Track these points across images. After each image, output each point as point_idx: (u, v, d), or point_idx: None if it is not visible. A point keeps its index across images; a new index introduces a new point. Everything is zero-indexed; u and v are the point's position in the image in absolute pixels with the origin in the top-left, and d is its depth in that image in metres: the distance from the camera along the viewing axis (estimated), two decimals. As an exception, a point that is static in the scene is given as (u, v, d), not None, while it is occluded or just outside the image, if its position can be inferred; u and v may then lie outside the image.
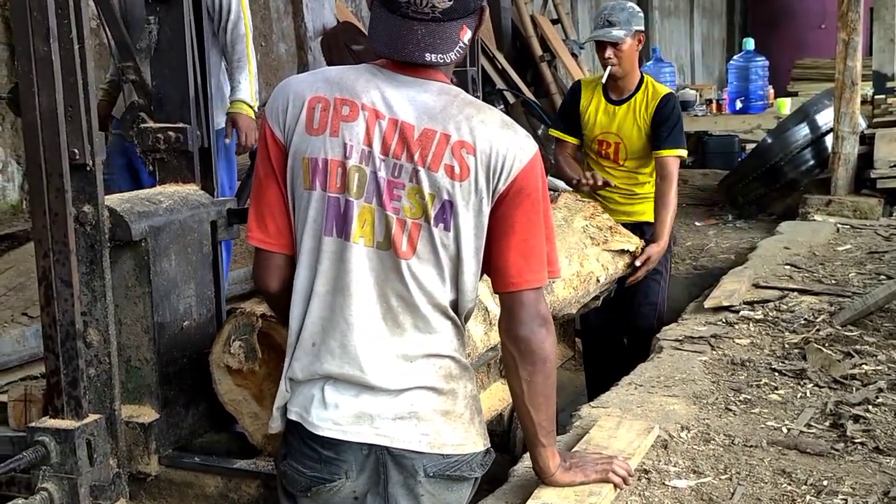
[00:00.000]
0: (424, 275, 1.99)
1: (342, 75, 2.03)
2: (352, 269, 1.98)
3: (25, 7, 2.31)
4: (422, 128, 1.96)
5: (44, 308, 2.46)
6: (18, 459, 2.41)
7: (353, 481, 2.03)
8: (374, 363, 2.00)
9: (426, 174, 1.95)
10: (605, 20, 4.38)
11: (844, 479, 2.64)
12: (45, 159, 2.37)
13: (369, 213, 1.98)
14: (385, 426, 2.00)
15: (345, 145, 1.96)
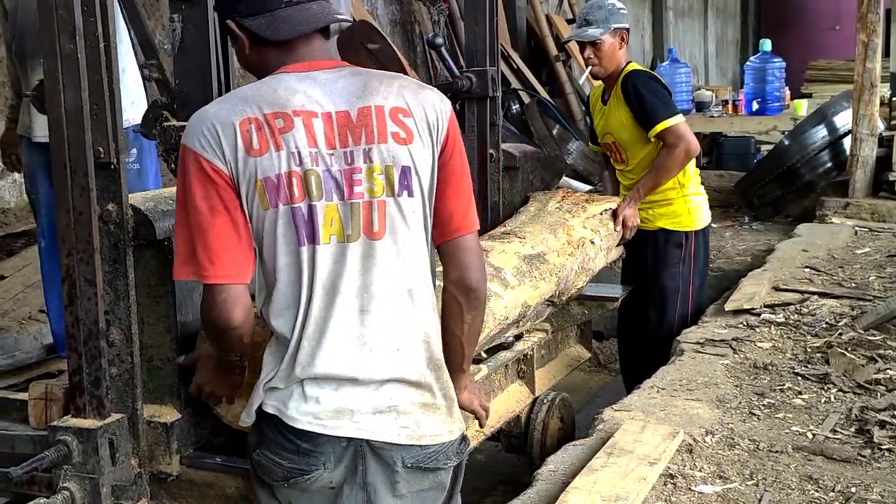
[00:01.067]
0: (401, 251, 2.04)
1: (259, 92, 2.03)
2: (330, 270, 2.00)
3: (52, 5, 2.30)
4: (356, 108, 2.02)
5: (67, 307, 2.45)
6: (41, 459, 2.40)
7: (330, 472, 2.04)
8: (351, 359, 2.02)
9: (378, 148, 2.01)
10: (583, 19, 4.32)
11: (873, 487, 2.62)
12: (70, 157, 2.37)
13: (334, 209, 2.00)
14: (364, 420, 2.02)
15: (291, 154, 1.98)
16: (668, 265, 4.40)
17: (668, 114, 4.13)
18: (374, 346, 2.03)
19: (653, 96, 4.15)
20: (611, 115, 4.36)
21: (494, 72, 4.10)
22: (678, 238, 4.39)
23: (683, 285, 4.42)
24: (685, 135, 4.13)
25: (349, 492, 2.05)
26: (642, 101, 4.16)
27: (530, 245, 3.65)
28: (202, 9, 2.84)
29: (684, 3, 17.55)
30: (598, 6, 4.29)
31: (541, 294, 3.52)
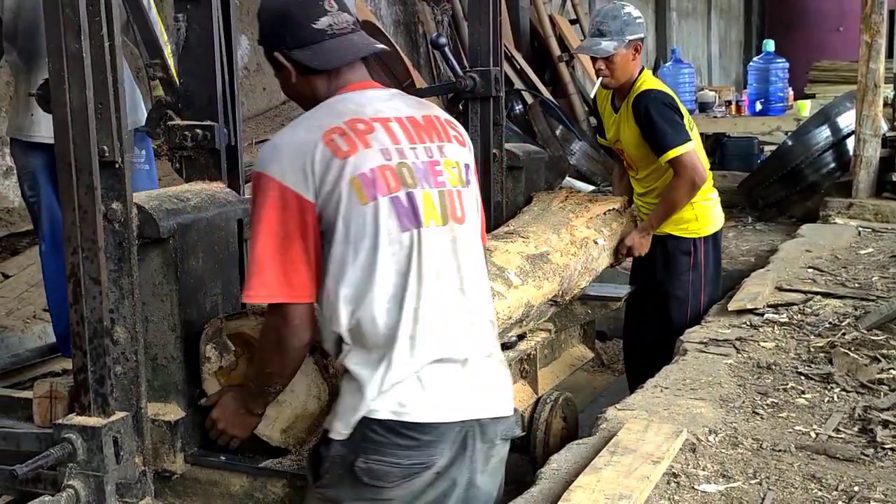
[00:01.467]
0: (474, 236, 2.30)
1: (331, 109, 2.23)
2: (435, 251, 2.18)
3: (58, 5, 2.30)
4: (420, 115, 2.30)
5: (72, 305, 2.45)
6: (45, 456, 2.40)
7: (443, 458, 2.16)
8: (459, 338, 2.19)
9: (447, 146, 2.29)
10: (595, 29, 4.10)
11: (876, 486, 2.62)
12: (75, 156, 2.37)
13: (428, 196, 2.20)
14: (475, 399, 2.20)
15: (381, 151, 2.18)
16: (677, 274, 4.32)
17: (677, 142, 4.00)
18: (473, 324, 2.24)
19: (664, 122, 4.01)
20: (622, 127, 4.23)
21: (498, 72, 4.10)
22: (686, 245, 4.31)
23: (693, 294, 4.35)
24: (692, 165, 4.02)
25: (457, 472, 2.19)
26: (653, 127, 4.02)
27: (534, 245, 3.66)
28: (206, 9, 2.86)
29: (688, 4, 17.55)
30: (612, 16, 4.08)
31: (544, 294, 3.52)
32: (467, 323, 2.22)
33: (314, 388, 2.51)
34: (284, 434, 2.57)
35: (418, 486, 2.17)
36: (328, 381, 2.49)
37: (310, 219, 2.13)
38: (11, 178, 5.72)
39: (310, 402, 2.53)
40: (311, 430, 2.53)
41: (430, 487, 2.19)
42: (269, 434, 2.58)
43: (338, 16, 2.27)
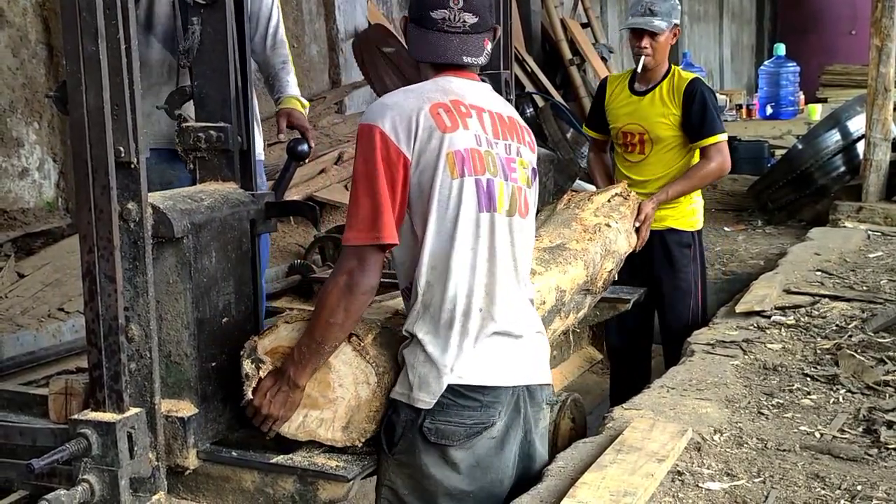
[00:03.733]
0: (530, 232, 2.56)
1: (437, 86, 2.44)
2: (502, 237, 2.43)
3: (75, 7, 2.35)
4: (506, 115, 2.53)
5: (87, 303, 2.49)
6: (61, 451, 2.44)
7: (501, 420, 2.45)
8: (517, 316, 2.48)
9: (523, 148, 2.55)
10: (646, 8, 4.29)
11: (879, 485, 2.65)
12: (92, 156, 2.41)
13: (502, 187, 2.44)
14: (526, 367, 2.50)
15: (475, 136, 2.41)
16: (680, 266, 4.45)
17: (720, 129, 4.34)
18: (526, 304, 2.54)
19: (714, 110, 4.32)
20: (649, 109, 4.38)
21: (508, 75, 4.14)
22: (687, 238, 4.46)
23: (694, 285, 4.49)
24: (725, 153, 4.34)
25: (514, 435, 2.50)
26: (705, 112, 4.27)
27: (548, 240, 3.70)
28: (220, 12, 2.89)
29: (700, 8, 17.55)
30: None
31: (572, 279, 3.55)
32: (522, 302, 2.51)
33: (360, 374, 2.53)
34: (346, 431, 2.57)
35: (481, 450, 2.43)
36: (371, 362, 2.52)
37: (404, 174, 2.35)
38: (27, 179, 5.78)
39: (361, 390, 2.53)
40: (372, 418, 2.54)
41: (493, 456, 2.46)
42: (331, 437, 2.58)
43: (456, 13, 2.41)
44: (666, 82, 4.37)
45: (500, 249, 2.43)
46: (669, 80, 4.37)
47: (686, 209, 4.46)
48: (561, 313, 3.53)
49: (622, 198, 4.21)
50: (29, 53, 5.77)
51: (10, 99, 5.64)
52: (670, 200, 4.31)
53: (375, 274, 2.40)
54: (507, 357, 2.46)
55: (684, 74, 4.39)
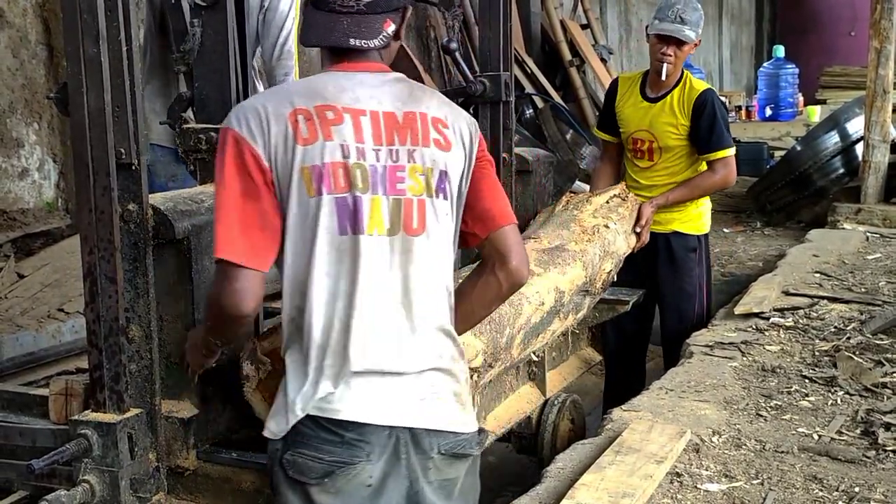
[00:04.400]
0: (435, 250, 2.14)
1: (309, 87, 2.15)
2: (370, 262, 2.07)
3: (76, 9, 2.36)
4: (402, 112, 2.14)
5: (88, 304, 2.50)
6: (61, 452, 2.45)
7: (372, 464, 2.08)
8: (396, 350, 2.10)
9: (421, 151, 2.13)
10: (678, 16, 4.18)
11: (876, 487, 2.66)
12: (93, 158, 2.42)
13: (378, 203, 2.08)
14: (408, 408, 2.10)
15: (340, 147, 2.07)
16: (686, 270, 4.44)
17: (730, 144, 4.31)
18: (415, 337, 2.12)
19: (723, 124, 4.27)
20: (660, 117, 4.34)
21: (508, 76, 4.13)
22: (692, 242, 4.44)
23: (699, 288, 4.49)
24: (731, 167, 4.31)
25: (395, 484, 2.11)
26: (714, 126, 4.24)
27: (546, 242, 3.71)
28: (221, 14, 2.90)
29: (699, 9, 17.55)
30: (693, 7, 4.22)
31: (571, 280, 3.55)
32: (408, 336, 2.12)
33: None
34: None
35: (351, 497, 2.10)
36: None
37: (265, 181, 2.06)
38: (27, 180, 5.79)
39: None
40: None
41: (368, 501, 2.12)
42: None
43: None
44: (677, 91, 4.33)
45: (369, 276, 2.07)
46: (681, 88, 4.33)
47: (692, 213, 4.44)
48: (560, 314, 3.54)
49: (620, 199, 4.23)
50: (29, 54, 5.77)
51: (9, 99, 5.64)
52: (669, 206, 4.31)
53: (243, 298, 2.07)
54: (379, 395, 2.09)
55: (696, 84, 4.34)
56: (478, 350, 2.88)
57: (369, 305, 2.08)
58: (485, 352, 2.92)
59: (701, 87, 4.33)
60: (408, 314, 2.12)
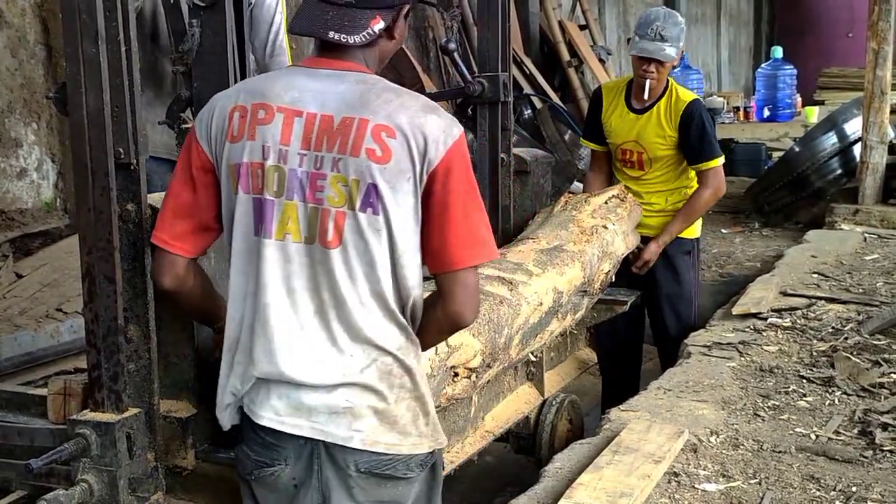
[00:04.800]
0: (355, 264, 2.03)
1: (262, 82, 2.14)
2: (276, 267, 2.04)
3: (75, 9, 2.36)
4: (341, 117, 2.01)
5: (87, 304, 2.50)
6: (60, 451, 2.45)
7: (290, 469, 2.10)
8: (303, 361, 2.05)
9: (348, 161, 1.99)
10: (657, 33, 4.13)
11: (873, 486, 2.66)
12: (91, 158, 2.42)
13: (293, 209, 2.03)
14: (320, 420, 2.06)
15: (262, 147, 2.04)
16: (682, 273, 4.43)
17: (718, 154, 4.27)
18: (333, 350, 2.05)
19: (711, 134, 4.24)
20: (647, 129, 4.31)
21: (506, 77, 4.13)
22: (687, 246, 4.44)
23: (695, 293, 4.49)
24: (721, 177, 4.29)
25: (305, 493, 2.11)
26: (703, 137, 4.21)
27: (545, 242, 3.71)
28: (220, 14, 2.90)
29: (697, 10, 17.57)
30: (673, 22, 4.18)
31: (569, 280, 3.56)
32: (325, 348, 2.06)
33: None
34: None
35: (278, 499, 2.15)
36: None
37: (205, 174, 2.12)
38: (25, 179, 5.79)
39: None
40: None
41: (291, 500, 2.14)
42: None
43: None
44: (664, 102, 4.30)
45: (275, 281, 2.04)
46: (667, 99, 4.30)
47: None
48: (558, 314, 3.55)
49: (619, 199, 4.23)
50: (27, 54, 5.78)
51: (8, 99, 5.65)
52: (671, 236, 4.31)
53: (163, 277, 2.19)
54: (291, 404, 2.08)
55: (682, 95, 4.31)
56: (476, 350, 2.89)
57: (276, 311, 2.05)
58: (483, 352, 2.93)
59: (687, 98, 4.28)
60: (325, 326, 2.05)
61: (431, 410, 2.15)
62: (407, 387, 2.10)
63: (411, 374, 2.10)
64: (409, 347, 2.11)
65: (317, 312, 2.05)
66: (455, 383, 2.88)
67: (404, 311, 2.10)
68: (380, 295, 2.05)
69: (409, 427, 2.10)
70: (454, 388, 2.89)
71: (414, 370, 2.11)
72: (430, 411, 2.15)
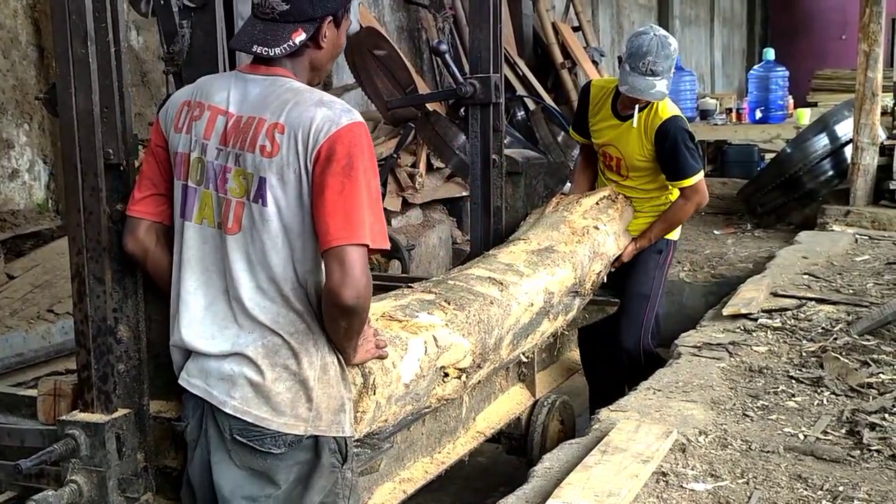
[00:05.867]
0: (250, 250, 2.23)
1: (210, 82, 2.38)
2: (194, 248, 2.31)
3: (65, 10, 2.37)
4: (247, 117, 2.25)
5: (76, 304, 2.51)
6: (49, 452, 2.46)
7: (191, 426, 2.35)
8: (206, 333, 2.28)
9: (245, 156, 2.22)
10: (649, 68, 4.04)
11: (860, 486, 2.68)
12: (81, 159, 2.43)
13: (209, 197, 2.29)
14: (210, 384, 2.27)
15: (191, 140, 2.30)
16: (646, 270, 4.32)
17: (695, 171, 4.14)
18: (233, 325, 2.25)
19: (687, 153, 4.13)
20: (628, 138, 4.25)
21: (498, 78, 4.13)
22: (660, 244, 4.35)
23: (654, 293, 4.35)
24: (702, 191, 4.19)
25: (198, 449, 2.34)
26: (677, 157, 4.12)
27: (536, 243, 3.72)
28: (210, 15, 2.90)
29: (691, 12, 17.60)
30: (665, 55, 4.08)
31: (560, 281, 3.56)
32: (228, 323, 2.26)
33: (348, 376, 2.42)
34: None
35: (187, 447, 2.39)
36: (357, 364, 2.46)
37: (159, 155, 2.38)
38: (17, 181, 5.79)
39: None
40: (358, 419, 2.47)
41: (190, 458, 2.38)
42: None
43: None
44: (644, 114, 4.20)
45: (191, 260, 2.31)
46: (647, 111, 4.20)
47: None
48: (549, 315, 3.56)
49: (611, 200, 4.24)
50: (20, 55, 5.78)
51: (0, 101, 5.65)
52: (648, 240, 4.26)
53: (126, 236, 2.43)
54: (194, 368, 2.31)
55: (661, 111, 4.19)
56: (466, 351, 2.90)
57: (192, 287, 2.30)
58: (473, 352, 2.94)
59: (665, 114, 4.18)
60: (227, 304, 2.27)
61: (318, 398, 2.26)
62: (291, 369, 2.24)
63: (298, 359, 2.24)
64: (307, 334, 2.25)
65: (223, 291, 2.28)
66: (445, 384, 2.89)
67: (307, 297, 2.25)
68: (274, 280, 2.23)
69: (285, 407, 2.24)
70: (444, 389, 2.90)
71: (302, 355, 2.24)
72: (316, 398, 2.26)
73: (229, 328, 2.26)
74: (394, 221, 7.17)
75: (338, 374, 2.30)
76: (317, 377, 2.26)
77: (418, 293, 3.04)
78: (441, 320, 2.85)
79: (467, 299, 3.06)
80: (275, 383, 2.23)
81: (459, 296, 3.07)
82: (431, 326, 2.78)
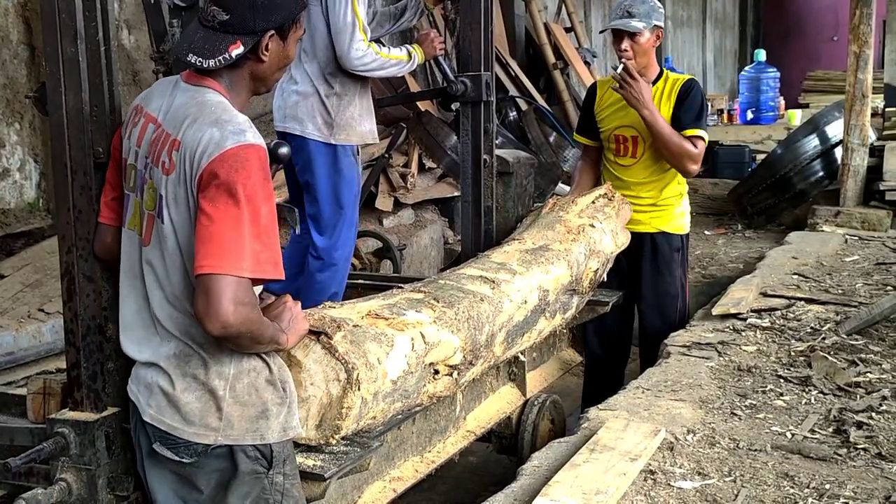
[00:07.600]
0: (157, 262, 2.24)
1: (156, 87, 2.38)
2: (125, 253, 2.33)
3: (54, 9, 2.37)
4: (168, 129, 2.22)
5: (66, 303, 2.51)
6: (38, 450, 2.46)
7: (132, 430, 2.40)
8: (135, 339, 2.31)
9: (154, 170, 2.22)
10: (624, 10, 4.24)
11: (846, 484, 2.69)
12: (71, 157, 2.44)
13: (137, 206, 2.30)
14: (139, 390, 2.31)
15: (130, 146, 2.32)
16: (670, 270, 4.41)
17: (703, 128, 4.31)
18: (154, 333, 2.27)
19: (700, 107, 4.31)
20: None
21: (488, 77, 4.14)
22: (676, 242, 4.41)
23: (681, 289, 4.50)
24: (700, 153, 4.29)
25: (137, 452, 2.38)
26: (696, 106, 4.28)
27: (531, 243, 3.73)
28: (200, 14, 2.91)
29: (683, 13, 17.63)
30: (641, 0, 4.27)
31: (556, 279, 3.56)
32: (150, 331, 2.28)
33: (331, 372, 2.49)
34: (320, 429, 2.55)
35: None
36: (341, 360, 2.48)
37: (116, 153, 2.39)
38: (8, 180, 5.78)
39: (332, 388, 2.49)
40: (345, 415, 2.50)
41: None
42: (305, 436, 2.53)
43: (207, 5, 2.20)
44: (660, 84, 4.34)
45: (126, 264, 2.33)
46: (663, 82, 4.35)
47: (675, 212, 4.42)
48: (545, 314, 3.55)
49: (607, 198, 4.25)
50: (10, 54, 5.77)
51: (-9, 100, 5.65)
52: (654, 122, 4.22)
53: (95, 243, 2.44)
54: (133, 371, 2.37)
55: (680, 76, 4.41)
56: (455, 347, 2.90)
57: (125, 293, 2.33)
58: (463, 349, 2.94)
59: (686, 76, 4.41)
60: (150, 312, 2.27)
61: (229, 407, 2.22)
62: (200, 379, 2.23)
63: (207, 368, 2.22)
64: (217, 344, 2.19)
65: (145, 298, 2.28)
66: (436, 381, 2.89)
67: None
68: (177, 296, 2.22)
69: (194, 416, 2.22)
70: (436, 386, 2.90)
71: (212, 365, 2.22)
72: (226, 408, 2.22)
73: (152, 337, 2.28)
74: (385, 221, 7.19)
75: (262, 380, 2.25)
76: (228, 386, 2.22)
77: (407, 293, 3.05)
78: (429, 318, 2.85)
79: (457, 297, 3.07)
80: (184, 393, 2.22)
81: (449, 294, 3.08)
82: (419, 323, 2.78)
